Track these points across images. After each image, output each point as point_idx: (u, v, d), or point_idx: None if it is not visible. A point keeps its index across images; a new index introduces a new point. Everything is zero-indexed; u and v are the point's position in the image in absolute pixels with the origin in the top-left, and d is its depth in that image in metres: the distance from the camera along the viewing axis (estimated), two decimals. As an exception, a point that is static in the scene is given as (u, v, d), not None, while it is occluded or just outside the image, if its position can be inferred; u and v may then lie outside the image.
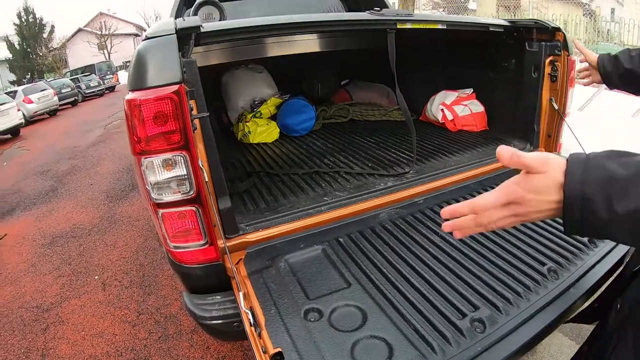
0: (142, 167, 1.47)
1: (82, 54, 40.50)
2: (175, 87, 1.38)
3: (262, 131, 3.25)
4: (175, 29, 1.47)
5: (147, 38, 1.47)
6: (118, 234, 4.39)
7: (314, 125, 3.44)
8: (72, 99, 21.70)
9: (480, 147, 2.68)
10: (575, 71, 2.35)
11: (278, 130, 3.35)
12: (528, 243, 1.67)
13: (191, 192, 1.50)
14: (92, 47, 42.43)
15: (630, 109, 5.71)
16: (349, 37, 3.50)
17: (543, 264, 1.55)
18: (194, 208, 1.53)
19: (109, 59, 39.17)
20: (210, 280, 1.64)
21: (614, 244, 1.67)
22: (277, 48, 3.13)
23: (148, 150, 1.44)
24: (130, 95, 1.40)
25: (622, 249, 1.66)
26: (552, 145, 2.60)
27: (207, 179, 1.51)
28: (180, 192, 1.50)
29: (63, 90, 20.93)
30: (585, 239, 1.70)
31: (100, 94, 24.46)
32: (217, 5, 2.69)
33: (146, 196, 1.56)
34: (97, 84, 24.55)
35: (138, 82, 1.41)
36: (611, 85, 1.67)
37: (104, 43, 43.59)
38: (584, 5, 13.37)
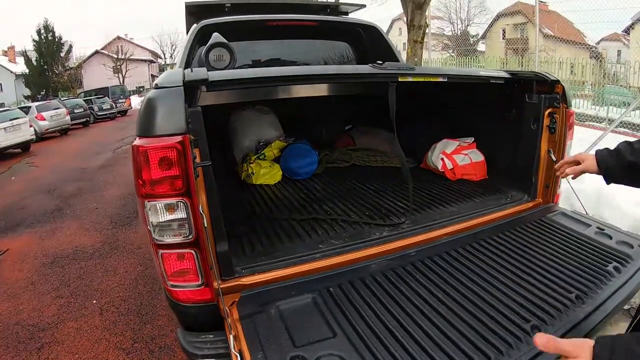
0: (145, 208, 1.55)
1: (97, 76, 41.22)
2: (180, 138, 1.48)
3: (265, 173, 3.35)
4: (183, 80, 1.56)
5: (157, 87, 1.57)
6: (119, 260, 4.44)
7: (316, 169, 3.53)
8: (84, 119, 22.07)
9: (477, 197, 2.74)
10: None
11: (281, 172, 3.44)
12: (513, 299, 1.69)
13: (190, 236, 1.58)
14: (108, 69, 43.25)
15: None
16: (354, 83, 3.62)
17: (527, 321, 1.57)
18: (192, 251, 1.61)
19: (123, 82, 39.85)
20: (204, 319, 1.70)
21: (599, 303, 1.71)
22: (284, 91, 3.24)
23: (152, 194, 1.53)
24: (138, 142, 1.50)
25: (607, 307, 1.70)
26: (550, 195, 2.65)
27: (206, 225, 1.58)
28: (180, 235, 1.58)
29: (76, 110, 21.29)
30: (572, 296, 1.73)
31: (112, 117, 24.88)
32: (227, 48, 2.79)
33: (148, 235, 1.63)
34: (109, 106, 24.99)
35: (146, 129, 1.50)
36: (612, 180, 1.62)
37: (119, 67, 44.39)
38: (591, 48, 13.55)
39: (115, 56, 44.41)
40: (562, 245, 2.16)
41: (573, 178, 1.79)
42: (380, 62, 2.11)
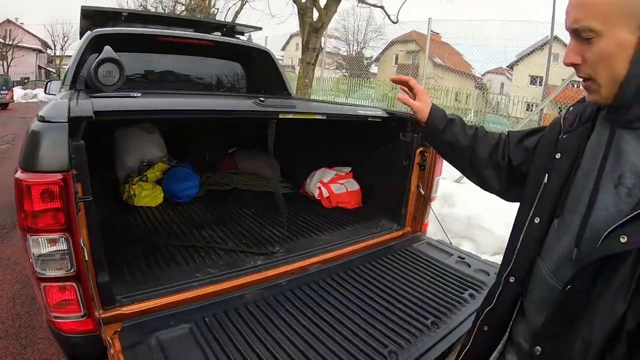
0: (27, 242, 1.58)
1: (-21, 61, 37.67)
2: (62, 175, 1.52)
3: (146, 195, 3.38)
4: (68, 116, 1.58)
5: (42, 120, 1.58)
6: (-6, 276, 4.20)
7: (197, 193, 3.61)
8: (-39, 110, 19.98)
9: (350, 225, 2.94)
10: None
11: (162, 195, 3.48)
12: (374, 326, 1.87)
13: (72, 270, 1.62)
14: (-8, 55, 39.71)
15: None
16: None
17: (385, 346, 1.74)
18: (74, 284, 1.64)
19: (7, 72, 36.76)
20: (87, 350, 1.74)
21: (452, 328, 1.93)
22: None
23: (34, 228, 1.56)
24: (20, 175, 1.52)
25: (458, 332, 1.92)
26: (418, 225, 2.90)
27: (87, 258, 1.63)
28: (62, 269, 1.62)
29: (-50, 99, 19.23)
30: (429, 322, 1.95)
31: (-9, 110, 22.79)
32: (118, 64, 2.78)
33: (30, 268, 1.65)
34: (-10, 97, 22.80)
35: (29, 163, 1.53)
36: (429, 140, 1.72)
37: (4, 53, 40.88)
38: (477, 79, 14.67)
39: (2, 41, 40.95)
40: (425, 273, 2.40)
41: (399, 99, 1.75)
42: (263, 99, 2.24)
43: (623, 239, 0.88)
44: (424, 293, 2.19)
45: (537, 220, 1.16)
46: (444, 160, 1.78)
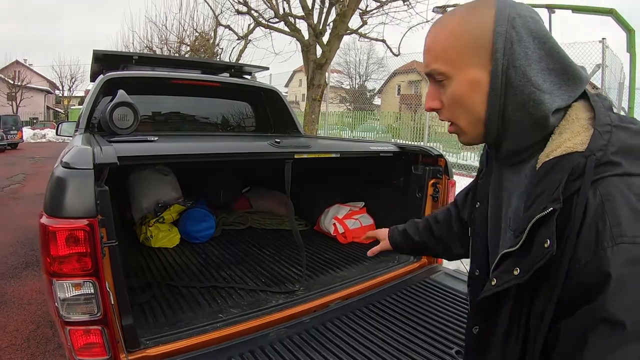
0: (53, 286, 1.59)
1: (-12, 102, 38.38)
2: (88, 221, 1.54)
3: (163, 236, 3.42)
4: (93, 163, 1.63)
5: (67, 167, 1.62)
6: (8, 317, 4.19)
7: (214, 233, 3.65)
8: (-28, 150, 20.26)
9: (367, 260, 2.94)
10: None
11: (179, 236, 3.52)
12: (399, 358, 1.88)
13: (98, 314, 1.64)
14: (2, 96, 40.34)
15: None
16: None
17: None
18: (99, 327, 1.66)
19: (16, 112, 37.31)
20: None
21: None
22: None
23: (60, 273, 1.57)
24: (46, 220, 1.55)
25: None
26: (432, 258, 2.92)
27: (113, 302, 1.65)
28: (87, 313, 1.63)
29: (-39, 140, 19.52)
30: (453, 352, 1.94)
31: (1, 150, 23.02)
32: (132, 108, 2.86)
33: (54, 312, 1.67)
34: (0, 138, 23.07)
35: (54, 209, 1.56)
36: (402, 253, 1.91)
37: (14, 94, 41.51)
38: (481, 104, 14.79)
39: (12, 82, 41.66)
40: (445, 303, 2.41)
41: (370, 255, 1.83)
42: (278, 140, 2.31)
43: (516, 272, 0.81)
44: (446, 323, 2.20)
45: (477, 272, 1.11)
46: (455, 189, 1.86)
